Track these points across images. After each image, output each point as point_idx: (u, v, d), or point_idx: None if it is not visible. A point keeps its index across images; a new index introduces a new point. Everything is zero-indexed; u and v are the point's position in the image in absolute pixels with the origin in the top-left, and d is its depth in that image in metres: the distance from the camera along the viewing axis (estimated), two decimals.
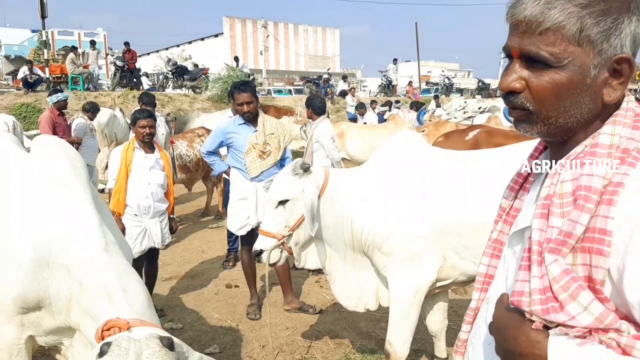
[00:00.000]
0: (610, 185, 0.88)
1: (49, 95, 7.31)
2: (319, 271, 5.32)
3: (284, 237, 2.83)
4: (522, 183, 1.22)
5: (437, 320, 3.13)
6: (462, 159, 2.82)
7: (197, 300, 4.64)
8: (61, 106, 7.07)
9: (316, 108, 5.79)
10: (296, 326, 4.08)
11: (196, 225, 7.37)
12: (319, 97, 6.62)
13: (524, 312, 0.94)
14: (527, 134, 1.00)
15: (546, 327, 0.91)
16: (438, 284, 2.83)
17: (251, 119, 4.17)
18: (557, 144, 1.02)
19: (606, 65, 0.91)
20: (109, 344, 1.51)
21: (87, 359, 1.60)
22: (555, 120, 0.95)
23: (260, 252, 2.87)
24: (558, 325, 0.89)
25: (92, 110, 8.02)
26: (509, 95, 0.97)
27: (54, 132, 6.54)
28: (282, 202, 2.83)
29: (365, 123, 11.96)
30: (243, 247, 4.39)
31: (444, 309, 3.14)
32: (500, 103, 14.11)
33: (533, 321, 0.91)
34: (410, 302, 2.73)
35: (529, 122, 0.98)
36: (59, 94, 7.17)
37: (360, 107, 13.36)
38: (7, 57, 25.92)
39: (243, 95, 4.10)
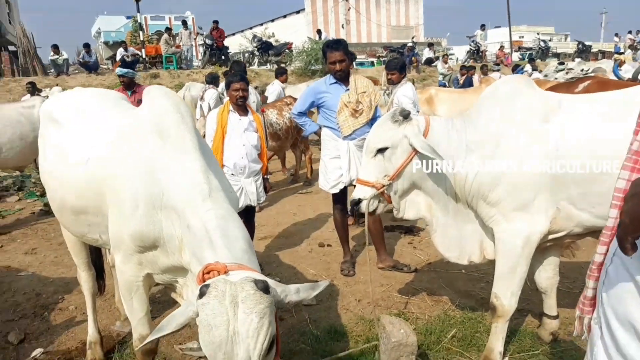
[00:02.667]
0: None
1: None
2: (411, 232, 5.24)
3: (384, 186, 2.77)
4: None
5: (547, 276, 2.94)
6: (578, 101, 2.58)
7: (292, 257, 4.75)
8: (125, 82, 6.20)
9: (393, 68, 5.31)
10: (391, 283, 4.04)
11: (287, 192, 7.54)
12: (395, 58, 6.32)
13: None
14: None
15: None
16: (550, 237, 2.64)
17: (343, 78, 4.12)
18: None
19: None
20: (207, 286, 1.57)
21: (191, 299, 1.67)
22: None
23: (359, 201, 2.83)
24: None
25: (212, 81, 8.84)
26: None
27: None
28: (381, 151, 2.75)
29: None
30: (335, 205, 4.39)
31: (556, 264, 2.94)
32: (605, 65, 12.89)
33: None
34: (519, 253, 2.57)
35: None
36: (122, 68, 6.34)
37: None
38: (106, 43, 27.87)
39: (335, 53, 4.05)
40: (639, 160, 1.16)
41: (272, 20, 39.27)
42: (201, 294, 1.57)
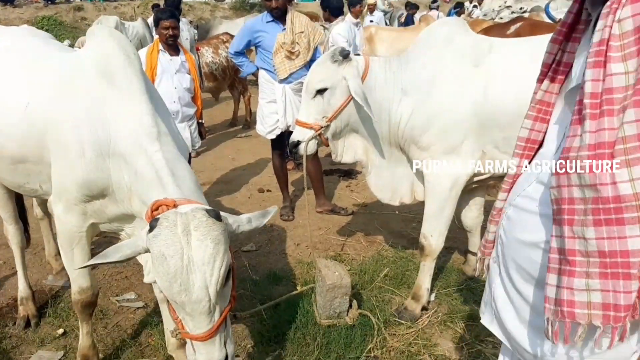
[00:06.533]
0: None
1: None
2: (349, 176, 5.33)
3: (322, 127, 2.76)
4: (566, 33, 1.10)
5: (472, 216, 3.11)
6: (508, 45, 2.63)
7: (231, 203, 4.73)
8: None
9: (333, 9, 5.37)
10: (329, 226, 4.14)
11: (225, 135, 7.38)
12: None
13: None
14: None
15: None
16: (475, 179, 2.77)
17: (279, 16, 3.95)
18: None
19: None
20: (157, 220, 1.53)
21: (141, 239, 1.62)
22: None
23: (298, 143, 2.83)
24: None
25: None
26: None
27: None
28: (320, 92, 2.71)
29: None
30: (274, 150, 4.37)
31: (481, 204, 3.10)
32: (542, 2, 13.13)
33: None
34: (446, 195, 2.68)
35: None
36: None
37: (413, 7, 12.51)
38: None
39: None
40: (542, 110, 1.20)
41: None
42: (151, 228, 1.53)
